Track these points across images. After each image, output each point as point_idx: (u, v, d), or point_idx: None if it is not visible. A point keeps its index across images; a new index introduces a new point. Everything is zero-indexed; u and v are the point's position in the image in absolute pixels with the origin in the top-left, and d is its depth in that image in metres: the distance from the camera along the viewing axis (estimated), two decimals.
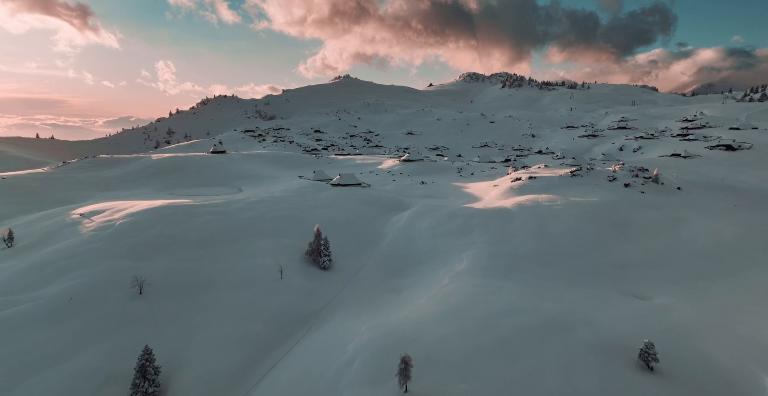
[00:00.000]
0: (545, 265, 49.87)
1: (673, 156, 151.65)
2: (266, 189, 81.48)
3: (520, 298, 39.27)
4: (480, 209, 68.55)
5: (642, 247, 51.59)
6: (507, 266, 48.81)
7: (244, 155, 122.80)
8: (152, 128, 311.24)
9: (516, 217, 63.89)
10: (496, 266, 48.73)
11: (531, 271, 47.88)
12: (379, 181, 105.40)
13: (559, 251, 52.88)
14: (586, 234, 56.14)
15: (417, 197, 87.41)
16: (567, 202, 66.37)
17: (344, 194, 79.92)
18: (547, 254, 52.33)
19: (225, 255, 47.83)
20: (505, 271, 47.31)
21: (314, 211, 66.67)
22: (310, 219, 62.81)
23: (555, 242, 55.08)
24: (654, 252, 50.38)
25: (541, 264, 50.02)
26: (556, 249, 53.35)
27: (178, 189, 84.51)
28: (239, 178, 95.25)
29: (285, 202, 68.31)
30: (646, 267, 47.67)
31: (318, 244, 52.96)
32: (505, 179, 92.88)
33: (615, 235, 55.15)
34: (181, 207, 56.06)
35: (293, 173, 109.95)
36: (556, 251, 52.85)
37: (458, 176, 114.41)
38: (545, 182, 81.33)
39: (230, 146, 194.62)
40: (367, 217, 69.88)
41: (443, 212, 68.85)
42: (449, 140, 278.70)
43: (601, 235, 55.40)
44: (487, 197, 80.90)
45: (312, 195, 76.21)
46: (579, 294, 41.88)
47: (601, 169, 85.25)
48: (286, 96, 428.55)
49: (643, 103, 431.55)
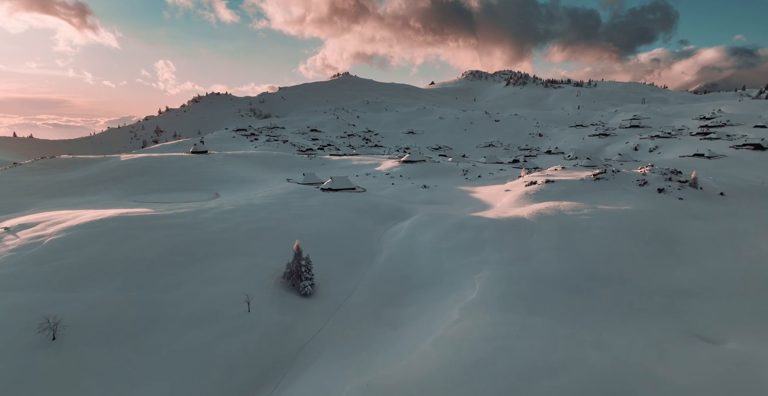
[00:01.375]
0: (577, 292, 41.03)
1: (695, 156, 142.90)
2: (246, 194, 72.71)
3: (554, 345, 30.44)
4: (492, 219, 59.75)
5: (696, 268, 42.68)
6: (530, 294, 39.99)
7: (228, 156, 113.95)
8: (140, 127, 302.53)
9: (535, 229, 55.06)
10: (517, 294, 39.90)
11: (561, 301, 39.05)
12: (376, 184, 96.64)
13: (592, 274, 44.03)
14: (623, 251, 47.27)
15: (418, 203, 78.68)
16: (595, 212, 57.50)
17: (335, 201, 71.19)
18: (577, 278, 43.48)
19: (180, 281, 39.04)
20: (529, 302, 38.49)
21: (298, 221, 57.89)
22: (293, 232, 54.07)
23: (586, 262, 46.22)
24: (713, 275, 41.48)
25: (571, 291, 41.17)
26: (588, 271, 44.49)
27: (144, 194, 75.52)
28: (219, 181, 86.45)
29: (265, 211, 59.53)
30: (707, 296, 38.77)
31: (298, 264, 44.18)
32: (518, 183, 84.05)
33: (660, 253, 46.26)
34: (134, 218, 47.28)
35: (281, 176, 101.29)
36: (588, 274, 43.99)
37: (464, 179, 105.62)
38: (565, 187, 72.48)
39: (219, 146, 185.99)
40: (360, 228, 61.11)
41: (449, 223, 60.09)
42: (452, 140, 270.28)
43: (643, 253, 46.51)
44: (498, 204, 72.05)
45: (297, 202, 67.44)
46: (628, 335, 33.03)
47: (627, 172, 76.37)
48: (282, 94, 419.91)
49: (653, 101, 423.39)
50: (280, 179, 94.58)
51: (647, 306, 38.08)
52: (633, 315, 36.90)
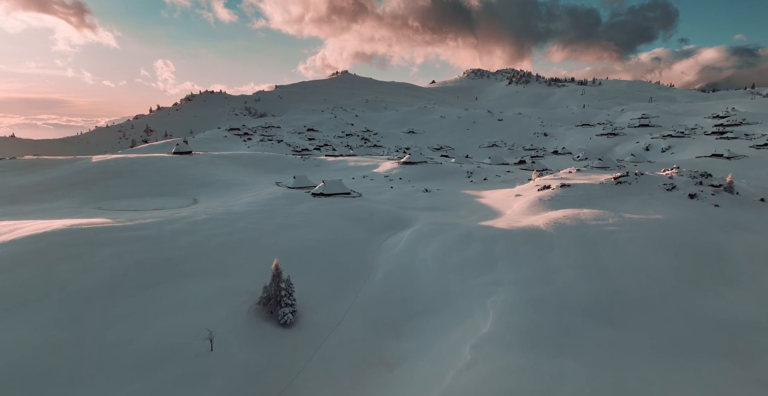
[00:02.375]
0: (611, 322, 34.36)
1: (713, 156, 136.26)
2: (227, 200, 66.03)
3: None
4: (504, 230, 53.07)
5: (758, 294, 36.01)
6: (556, 326, 33.32)
7: (214, 157, 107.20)
8: (129, 126, 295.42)
9: (554, 242, 48.40)
10: (540, 327, 33.23)
11: (594, 335, 32.38)
12: (373, 188, 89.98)
13: (627, 298, 37.36)
14: (660, 270, 40.60)
15: (420, 210, 72.07)
16: (622, 221, 50.81)
17: (326, 207, 64.55)
18: (609, 303, 36.81)
19: (129, 311, 32.36)
20: (556, 337, 31.82)
21: (282, 233, 51.20)
22: (275, 245, 47.43)
23: (617, 283, 39.55)
24: None
25: (604, 321, 34.50)
26: (623, 295, 37.82)
27: (113, 201, 68.68)
28: (200, 185, 79.76)
29: (244, 221, 52.80)
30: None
31: (277, 288, 37.48)
32: (529, 187, 77.40)
33: (706, 273, 39.58)
34: (84, 232, 40.59)
35: (271, 179, 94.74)
36: (623, 298, 37.31)
37: (468, 182, 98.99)
38: (583, 192, 65.84)
39: (209, 146, 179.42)
40: (353, 239, 54.45)
41: (455, 234, 53.43)
42: (454, 139, 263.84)
43: (685, 273, 39.84)
44: (509, 211, 65.40)
45: (284, 209, 60.76)
46: (687, 385, 26.41)
47: (652, 175, 69.67)
48: (279, 92, 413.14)
49: (660, 99, 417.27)
50: (269, 183, 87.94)
51: (701, 342, 31.40)
52: (685, 354, 30.23)
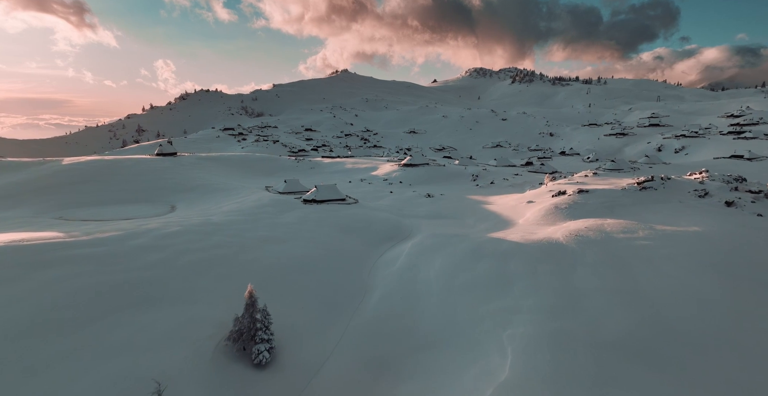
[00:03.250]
0: (660, 365, 28.23)
1: (733, 157, 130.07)
2: (208, 208, 59.98)
3: None
4: (518, 244, 46.97)
5: None
6: (591, 371, 27.18)
7: (200, 159, 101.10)
8: (120, 126, 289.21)
9: (578, 259, 42.30)
10: (572, 372, 27.12)
11: (641, 384, 26.27)
12: (371, 192, 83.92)
13: (675, 332, 31.19)
14: (711, 296, 34.44)
15: (421, 218, 66.02)
16: (655, 234, 44.66)
17: (318, 216, 58.50)
18: (654, 339, 30.63)
19: (62, 354, 26.31)
20: (593, 386, 25.73)
21: (265, 247, 45.14)
22: (255, 263, 41.40)
23: (660, 312, 33.39)
24: None
25: (652, 363, 28.35)
26: (668, 327, 31.66)
27: (78, 209, 62.59)
28: (182, 190, 73.70)
29: (222, 233, 46.74)
30: None
31: (251, 319, 31.42)
32: (541, 192, 71.29)
33: None
34: (23, 250, 34.55)
35: (261, 182, 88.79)
36: (669, 332, 31.15)
37: (474, 186, 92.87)
38: (604, 198, 59.71)
39: (201, 146, 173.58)
40: (346, 254, 48.39)
41: (462, 248, 47.35)
42: (457, 140, 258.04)
43: (744, 300, 33.67)
44: (521, 220, 59.27)
45: (269, 219, 54.70)
46: None
47: (680, 179, 63.49)
48: (276, 91, 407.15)
49: (668, 98, 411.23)
50: (258, 187, 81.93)
51: None
52: None
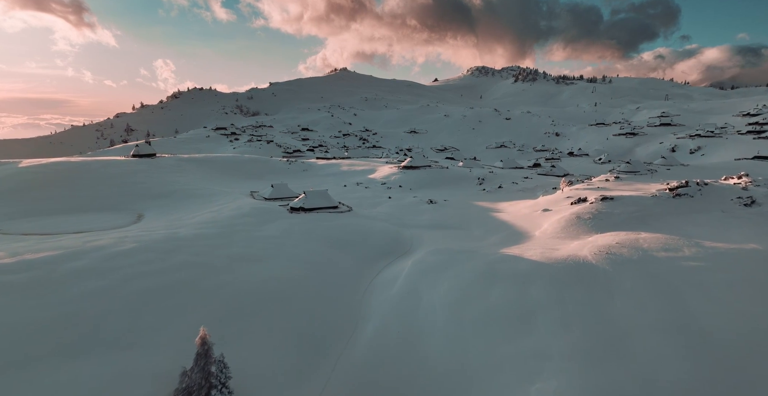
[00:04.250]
0: None
1: (756, 159, 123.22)
2: (178, 218, 53.02)
3: None
4: (538, 263, 39.96)
5: None
6: None
7: (182, 160, 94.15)
8: (108, 125, 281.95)
9: (613, 283, 35.31)
10: None
11: None
12: (368, 198, 77.02)
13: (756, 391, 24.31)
14: None
15: (423, 228, 59.10)
16: (704, 253, 37.67)
17: (305, 227, 51.58)
18: None
19: None
20: None
21: (237, 269, 38.18)
22: (222, 290, 34.46)
23: (731, 360, 26.47)
24: None
25: None
26: (745, 382, 24.78)
27: (25, 218, 55.08)
28: (154, 196, 66.77)
29: (187, 251, 39.75)
30: None
31: (203, 374, 24.42)
32: (558, 199, 64.37)
33: None
34: None
35: (247, 186, 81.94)
36: (748, 390, 24.28)
37: (481, 190, 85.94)
38: (634, 207, 52.78)
39: (190, 147, 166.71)
40: (335, 275, 41.45)
41: (472, 268, 40.36)
42: (459, 140, 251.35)
43: None
44: (538, 232, 52.28)
45: (247, 231, 47.71)
46: None
47: (717, 184, 56.57)
48: (273, 90, 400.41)
49: (676, 97, 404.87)
50: (243, 192, 75.03)
51: None
52: None
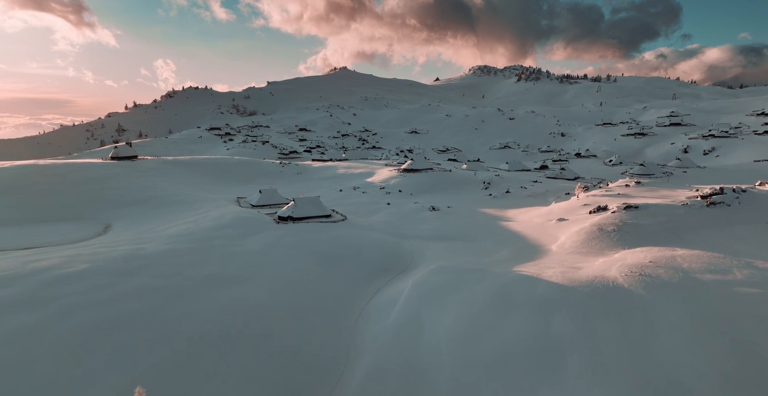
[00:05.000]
0: None
1: None
2: (149, 229, 47.57)
3: None
4: (560, 286, 34.35)
5: None
6: None
7: (165, 163, 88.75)
8: (99, 125, 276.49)
9: (654, 314, 29.72)
10: None
11: None
12: (365, 204, 71.58)
13: None
14: None
15: (425, 239, 53.61)
16: (759, 276, 32.08)
17: (292, 240, 46.11)
18: None
19: None
20: None
21: (206, 295, 32.69)
22: (183, 324, 28.96)
23: None
24: None
25: None
26: None
27: None
28: (128, 203, 61.34)
29: (150, 272, 34.26)
30: None
31: None
32: (573, 207, 58.85)
33: None
34: None
35: (235, 191, 76.63)
36: None
37: (487, 196, 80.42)
38: (662, 217, 47.25)
39: (181, 148, 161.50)
40: (323, 300, 35.98)
41: (482, 291, 34.78)
42: (461, 140, 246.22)
43: None
44: (554, 246, 46.72)
45: (226, 246, 42.21)
46: None
47: (756, 191, 50.99)
48: (271, 89, 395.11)
49: (684, 96, 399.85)
50: (229, 198, 69.66)
51: None
52: None
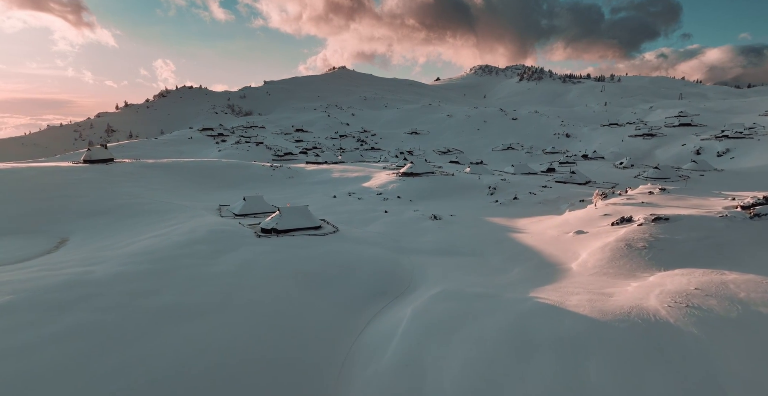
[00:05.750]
0: None
1: None
2: (108, 245, 41.86)
3: None
4: (589, 319, 28.49)
5: None
6: None
7: (144, 167, 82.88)
8: (87, 125, 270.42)
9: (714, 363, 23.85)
10: None
11: None
12: (360, 213, 65.84)
13: None
14: None
15: (427, 254, 47.88)
16: None
17: (274, 258, 40.37)
18: None
19: None
20: None
21: (158, 333, 26.91)
22: (128, 374, 23.18)
23: None
24: None
25: None
26: None
27: None
28: (93, 213, 55.39)
29: (92, 304, 28.46)
30: None
31: None
32: (592, 216, 53.10)
33: None
34: None
35: (219, 198, 71.01)
36: None
37: (493, 202, 74.73)
38: (700, 232, 41.51)
39: (171, 149, 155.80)
40: (305, 336, 30.20)
41: (496, 326, 28.92)
42: (463, 141, 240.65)
43: None
44: (575, 265, 40.94)
45: (195, 266, 36.41)
46: None
47: None
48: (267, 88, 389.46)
49: (690, 96, 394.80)
50: (210, 206, 63.99)
51: None
52: None
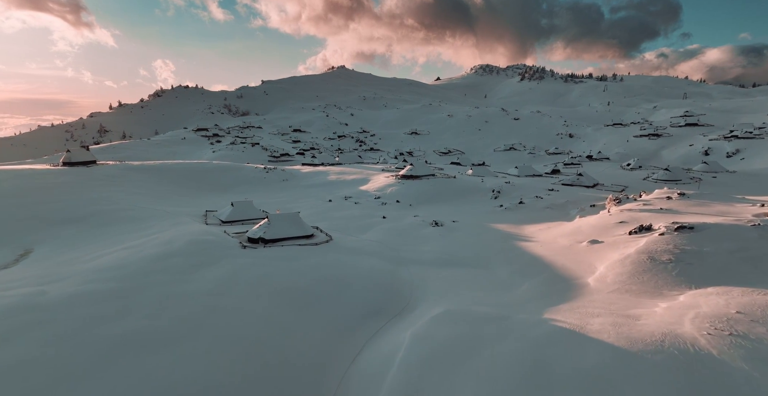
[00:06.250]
0: None
1: None
2: (75, 258, 38.08)
3: None
4: (616, 349, 24.55)
5: None
6: None
7: (128, 169, 79.09)
8: (80, 125, 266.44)
9: None
10: None
11: None
12: (356, 218, 62.09)
13: None
14: None
15: (427, 265, 44.11)
16: None
17: (259, 272, 36.59)
18: None
19: None
20: None
21: (115, 368, 23.14)
22: None
23: None
24: None
25: None
26: None
27: None
28: (64, 220, 51.56)
29: (37, 335, 24.73)
30: None
31: None
32: (606, 224, 49.31)
33: None
34: None
35: (207, 203, 67.30)
36: None
37: (497, 207, 70.97)
38: (731, 242, 37.71)
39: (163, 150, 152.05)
40: (288, 367, 26.46)
41: (508, 356, 24.98)
42: (464, 141, 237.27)
43: None
44: (592, 279, 37.13)
45: (167, 284, 32.63)
46: None
47: None
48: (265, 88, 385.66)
49: (694, 96, 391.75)
50: (195, 212, 60.25)
51: None
52: None
